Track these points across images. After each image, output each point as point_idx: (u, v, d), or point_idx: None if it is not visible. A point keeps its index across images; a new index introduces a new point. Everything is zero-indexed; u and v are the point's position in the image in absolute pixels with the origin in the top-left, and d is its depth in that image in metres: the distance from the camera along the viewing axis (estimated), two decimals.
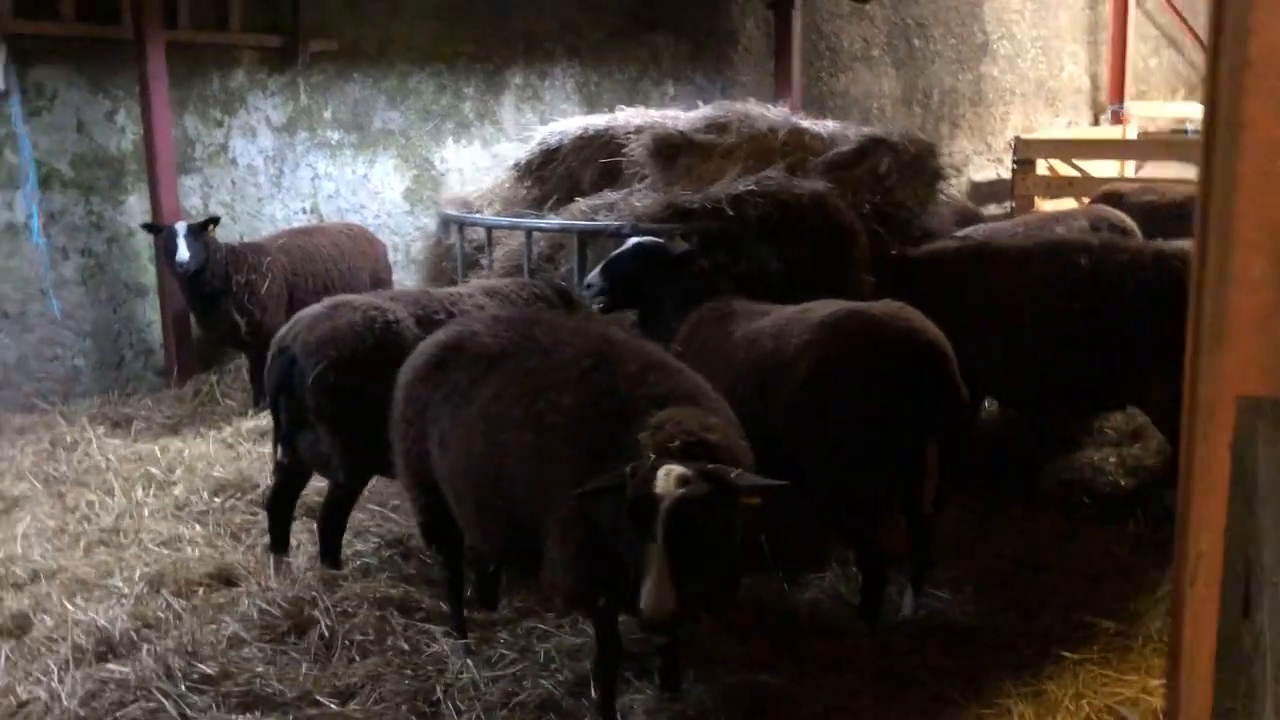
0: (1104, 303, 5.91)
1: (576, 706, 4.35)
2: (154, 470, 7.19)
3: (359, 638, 4.82)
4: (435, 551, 4.90)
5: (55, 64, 8.56)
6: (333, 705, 4.38)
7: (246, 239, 8.93)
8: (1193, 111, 17.72)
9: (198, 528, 6.34)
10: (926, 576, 5.16)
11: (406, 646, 4.78)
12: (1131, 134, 16.47)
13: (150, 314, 9.13)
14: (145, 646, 4.86)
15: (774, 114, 7.18)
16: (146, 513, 6.56)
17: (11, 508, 6.71)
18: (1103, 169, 13.99)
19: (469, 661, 4.62)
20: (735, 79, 12.81)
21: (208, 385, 8.95)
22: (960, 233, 8.12)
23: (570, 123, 7.46)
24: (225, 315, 8.26)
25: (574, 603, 4.12)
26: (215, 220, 8.27)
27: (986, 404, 7.20)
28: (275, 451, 5.48)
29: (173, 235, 7.98)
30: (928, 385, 4.68)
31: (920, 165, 6.79)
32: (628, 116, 7.36)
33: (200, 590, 5.47)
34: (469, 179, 10.82)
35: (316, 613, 4.97)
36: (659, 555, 3.41)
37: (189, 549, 5.99)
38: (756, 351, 5.01)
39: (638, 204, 6.19)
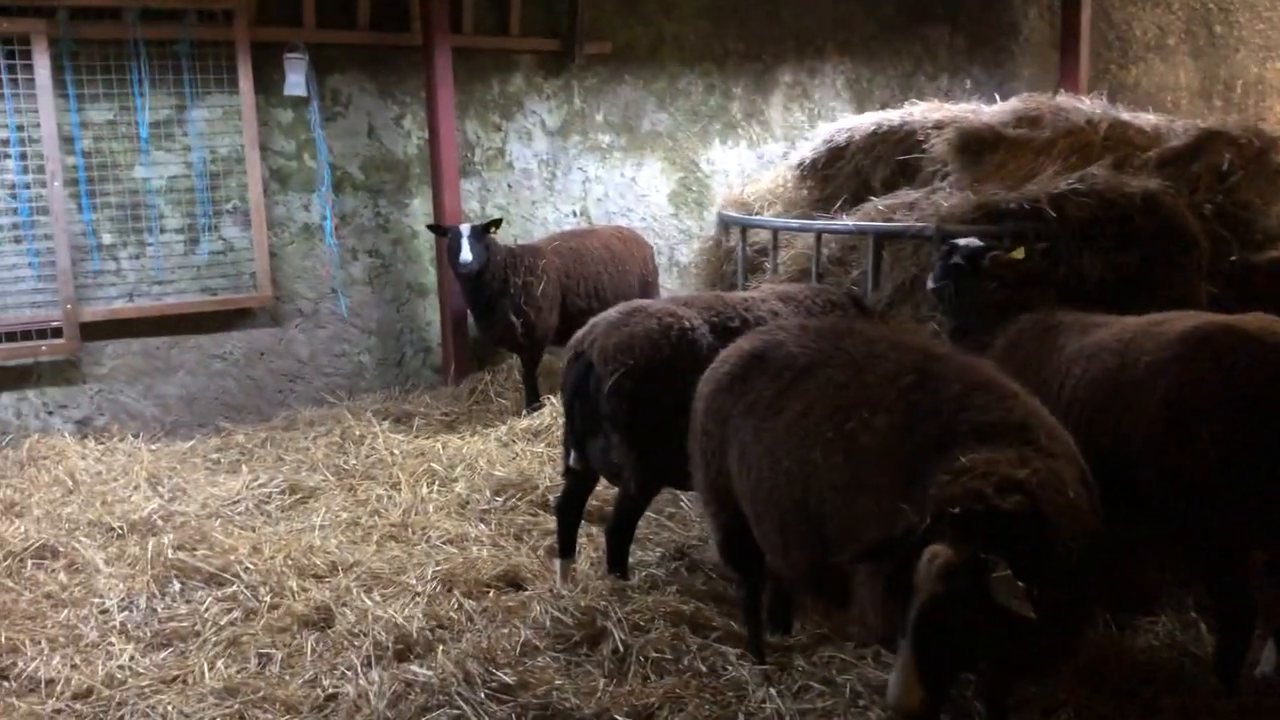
0: None
1: None
2: (436, 467, 7.32)
3: (654, 654, 4.65)
4: (732, 570, 4.64)
5: (349, 71, 8.93)
6: None
7: (520, 242, 9.03)
8: None
9: (482, 527, 6.38)
10: None
11: (704, 668, 4.57)
12: None
13: (430, 314, 9.38)
14: (440, 648, 4.86)
15: (1089, 106, 6.57)
16: (431, 509, 6.67)
17: (308, 498, 6.96)
18: None
19: (772, 691, 4.34)
20: (1015, 73, 12.06)
21: (482, 384, 9.10)
22: None
23: (860, 119, 7.09)
24: (502, 316, 8.35)
25: (887, 644, 3.75)
26: (498, 223, 8.39)
27: None
28: (567, 456, 5.39)
29: (457, 236, 8.13)
30: None
31: (1263, 161, 6.02)
32: (924, 111, 6.92)
33: (490, 592, 5.46)
34: (734, 181, 10.61)
35: (609, 625, 4.83)
36: (906, 650, 3.11)
37: (475, 549, 6.02)
38: (1097, 368, 4.49)
39: (943, 204, 5.75)
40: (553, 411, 8.28)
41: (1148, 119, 6.57)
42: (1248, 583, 4.20)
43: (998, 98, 7.77)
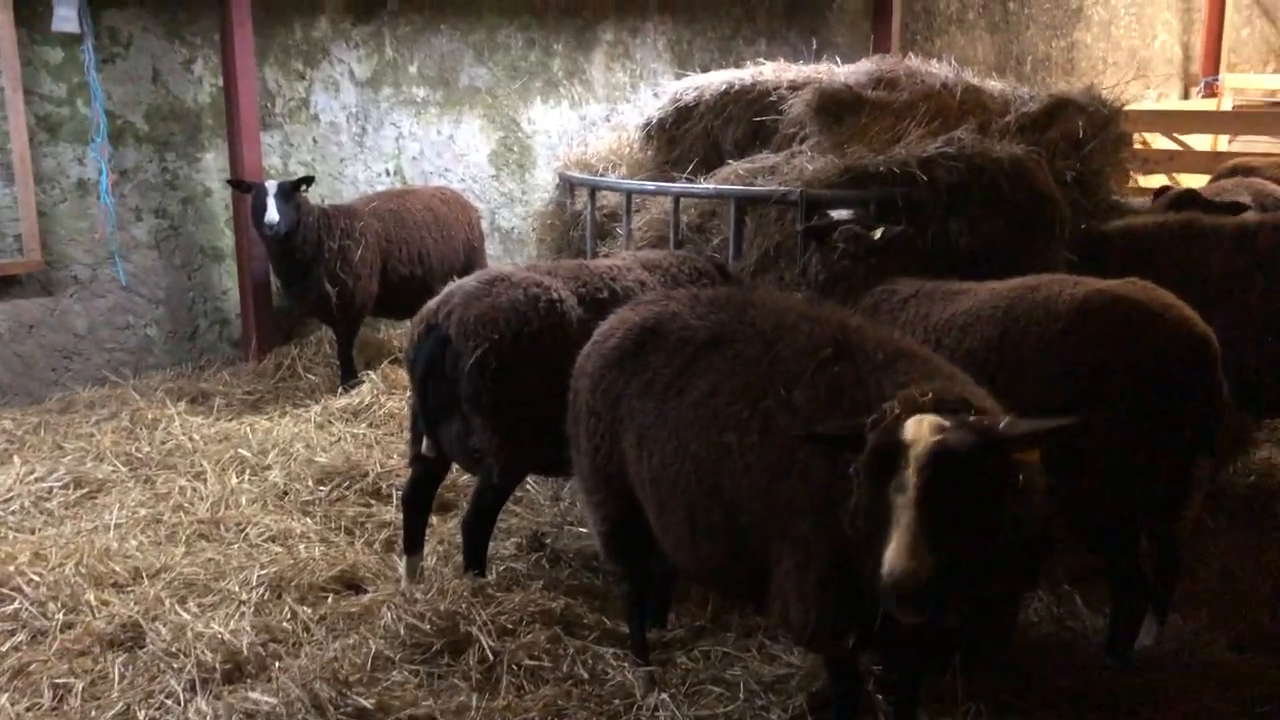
0: None
1: None
2: (244, 453, 6.58)
3: (527, 661, 4.21)
4: (616, 565, 4.23)
5: (129, 6, 7.86)
6: None
7: (328, 202, 8.25)
8: None
9: (308, 521, 5.74)
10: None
11: (585, 674, 4.15)
12: (1226, 106, 15.61)
13: (226, 281, 8.47)
14: (277, 665, 4.26)
15: (939, 70, 6.46)
16: (244, 502, 5.96)
17: (97, 493, 6.12)
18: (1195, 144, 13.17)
19: (664, 696, 3.97)
20: (830, 40, 12.03)
21: (289, 359, 8.31)
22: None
23: (709, 77, 6.73)
24: (316, 284, 7.59)
25: (814, 643, 3.44)
26: (309, 180, 7.58)
27: None
28: (416, 442, 4.83)
29: (262, 194, 7.30)
30: (1202, 389, 3.97)
31: (1108, 130, 6.04)
32: (775, 70, 6.65)
33: (327, 597, 4.85)
34: (557, 142, 10.13)
35: (474, 630, 4.34)
36: (910, 507, 2.72)
37: (302, 547, 5.38)
38: (975, 339, 4.29)
39: (807, 167, 5.47)
40: (373, 389, 7.64)
41: (994, 85, 6.52)
42: (1139, 559, 4.14)
43: (838, 61, 7.59)
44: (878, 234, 5.02)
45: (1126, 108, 6.27)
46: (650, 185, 6.00)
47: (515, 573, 5.04)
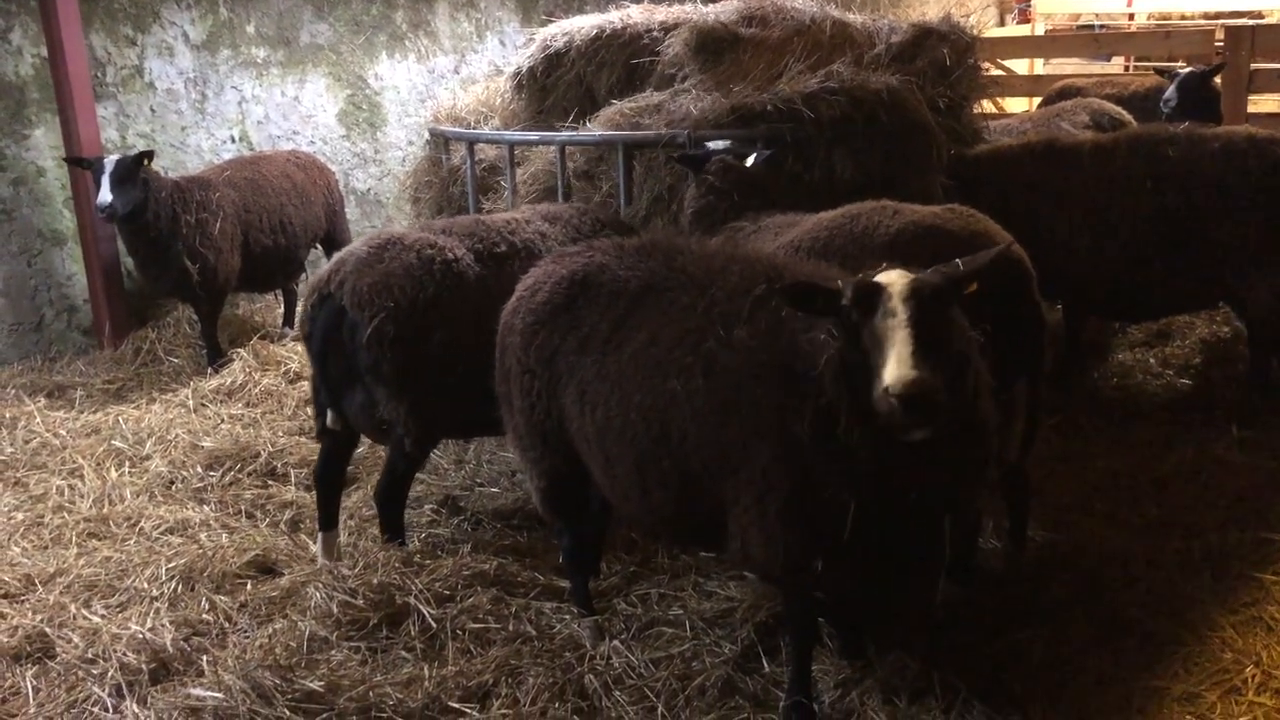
0: (1198, 195, 5.56)
1: (761, 687, 3.79)
2: (119, 445, 6.25)
3: (471, 625, 4.15)
4: (556, 519, 4.20)
5: None
6: (473, 712, 3.72)
7: (172, 174, 7.81)
8: (1092, 6, 17.79)
9: (205, 509, 5.48)
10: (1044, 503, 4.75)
11: (532, 631, 4.13)
12: (1039, 32, 16.32)
13: (71, 265, 7.95)
14: (205, 659, 4.08)
15: (804, 5, 6.51)
16: (130, 495, 5.65)
17: None
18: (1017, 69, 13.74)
19: (616, 644, 3.99)
20: None
21: (147, 343, 7.90)
22: None
23: (576, 22, 6.60)
24: (174, 262, 7.19)
25: (782, 573, 3.44)
26: (149, 155, 7.08)
27: None
28: (320, 416, 4.66)
29: (99, 171, 6.83)
30: (1019, 314, 4.02)
31: (969, 57, 6.23)
32: (642, 12, 6.56)
33: (245, 584, 4.66)
34: (408, 98, 9.85)
35: (411, 600, 4.25)
36: (902, 326, 2.85)
37: (205, 536, 5.14)
38: None
39: (693, 108, 5.46)
40: (244, 367, 7.33)
41: (853, 17, 6.61)
42: None
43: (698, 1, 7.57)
44: (750, 161, 5.03)
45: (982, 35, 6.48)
46: (534, 135, 5.89)
47: (438, 539, 4.95)
